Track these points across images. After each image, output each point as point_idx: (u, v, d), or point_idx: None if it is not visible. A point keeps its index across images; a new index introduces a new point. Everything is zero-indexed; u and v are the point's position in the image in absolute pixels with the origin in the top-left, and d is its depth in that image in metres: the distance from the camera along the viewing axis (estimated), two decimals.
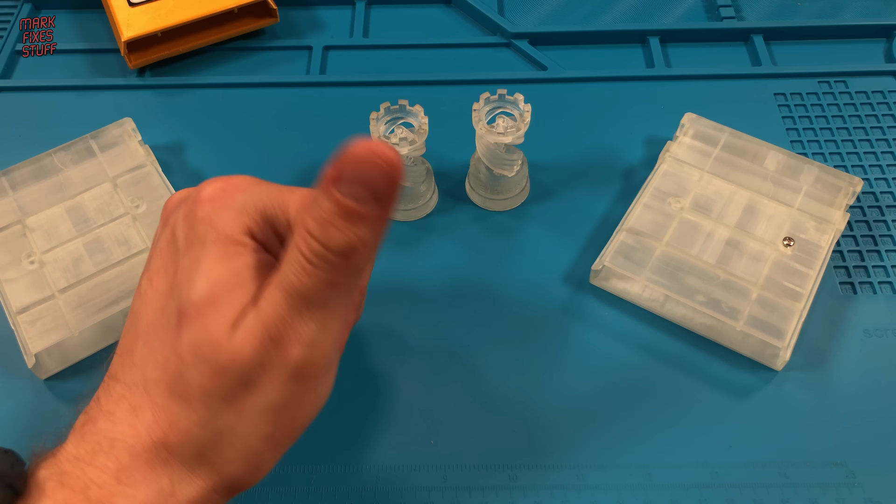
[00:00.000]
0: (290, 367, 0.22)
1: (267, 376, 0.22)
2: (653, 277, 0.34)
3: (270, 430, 0.22)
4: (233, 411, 0.22)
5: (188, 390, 0.22)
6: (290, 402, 0.22)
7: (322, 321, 0.22)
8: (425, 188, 0.38)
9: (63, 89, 0.45)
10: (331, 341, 0.22)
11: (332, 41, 0.47)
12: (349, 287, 0.22)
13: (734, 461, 0.31)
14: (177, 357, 0.22)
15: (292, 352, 0.22)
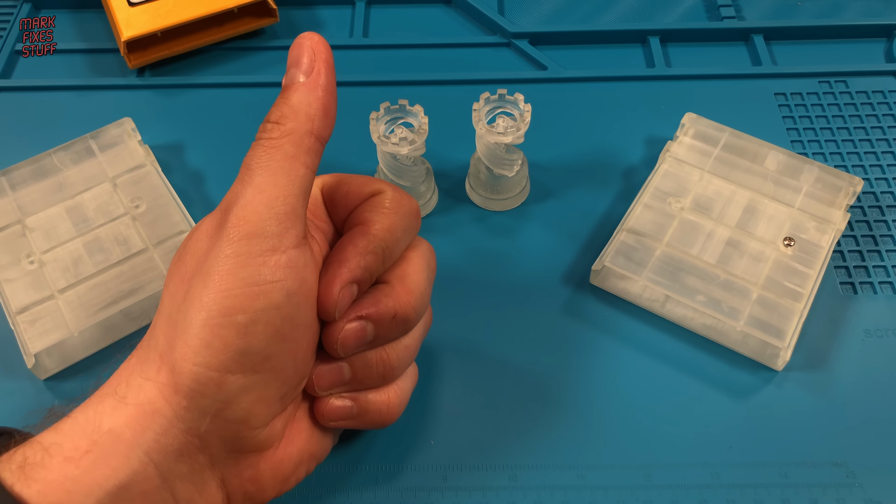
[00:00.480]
0: (228, 228, 0.23)
1: (215, 243, 0.23)
2: (653, 277, 0.34)
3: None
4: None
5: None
6: (235, 266, 0.23)
7: (258, 184, 0.23)
8: (425, 188, 0.38)
9: (63, 89, 0.45)
10: (266, 202, 0.23)
11: (332, 41, 0.47)
12: (286, 151, 0.24)
13: (734, 461, 0.31)
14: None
15: (230, 216, 0.23)
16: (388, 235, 0.26)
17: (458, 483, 0.30)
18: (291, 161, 0.24)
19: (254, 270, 0.22)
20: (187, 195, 0.40)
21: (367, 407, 0.27)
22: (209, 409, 0.22)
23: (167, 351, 0.23)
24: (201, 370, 0.22)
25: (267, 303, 0.22)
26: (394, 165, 0.36)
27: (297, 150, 0.24)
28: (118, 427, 0.22)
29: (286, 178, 0.23)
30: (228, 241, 0.23)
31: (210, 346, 0.22)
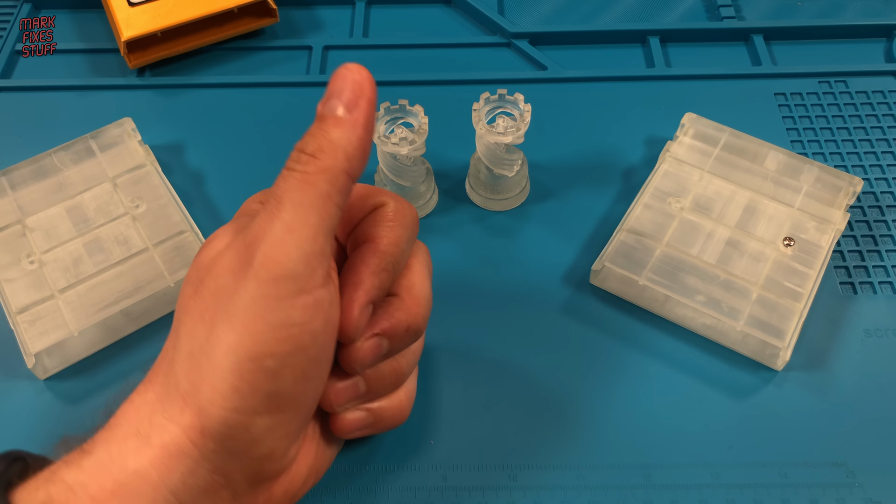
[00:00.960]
0: (256, 268, 0.22)
1: (240, 282, 0.22)
2: (653, 277, 0.34)
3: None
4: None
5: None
6: (263, 310, 0.22)
7: (288, 221, 0.22)
8: (425, 188, 0.38)
9: (63, 89, 0.45)
10: (296, 242, 0.22)
11: (332, 41, 0.47)
12: (320, 188, 0.23)
13: (734, 461, 0.31)
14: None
15: (258, 254, 0.22)
16: (396, 249, 0.26)
17: (458, 483, 0.30)
18: (324, 199, 0.23)
19: (282, 314, 0.22)
20: (187, 195, 0.40)
21: (381, 414, 0.28)
22: (237, 450, 0.22)
23: (192, 393, 0.22)
24: (230, 415, 0.22)
25: (295, 347, 0.22)
26: (394, 165, 0.36)
27: (332, 189, 0.23)
28: (143, 468, 0.22)
29: (318, 217, 0.22)
30: (256, 283, 0.22)
31: (239, 391, 0.22)
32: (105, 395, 0.33)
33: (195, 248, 0.35)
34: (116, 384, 0.33)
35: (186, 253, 0.35)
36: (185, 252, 0.35)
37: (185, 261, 0.35)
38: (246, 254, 0.22)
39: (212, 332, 0.22)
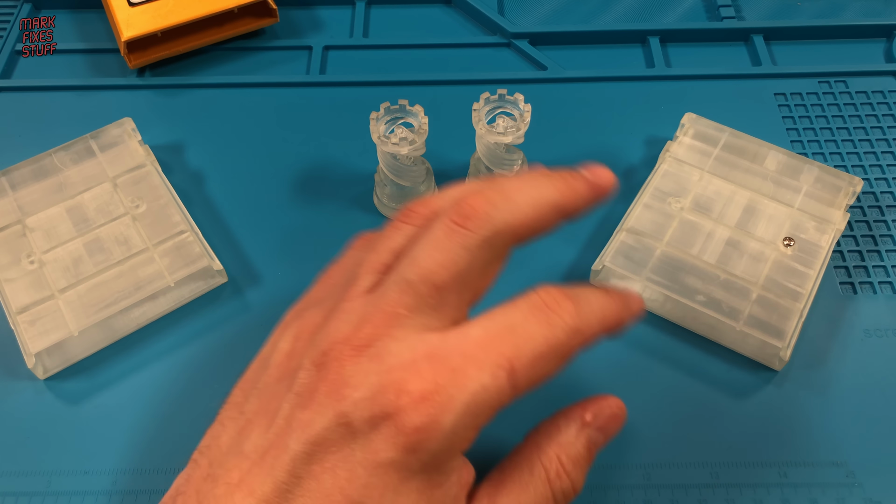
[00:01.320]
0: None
1: None
2: (653, 277, 0.34)
3: None
4: None
5: None
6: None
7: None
8: (425, 188, 0.38)
9: (63, 89, 0.45)
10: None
11: (332, 41, 0.47)
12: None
13: (734, 461, 0.31)
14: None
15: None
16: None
17: None
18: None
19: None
20: (187, 195, 0.40)
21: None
22: None
23: None
24: None
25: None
26: (394, 165, 0.36)
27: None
28: None
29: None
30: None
31: None
32: (105, 395, 0.33)
33: (195, 248, 0.35)
34: (116, 384, 0.33)
35: (186, 253, 0.35)
36: (185, 252, 0.35)
37: (185, 261, 0.35)
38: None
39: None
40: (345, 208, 0.39)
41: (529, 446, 0.25)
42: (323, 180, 0.40)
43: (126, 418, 0.32)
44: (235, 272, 0.37)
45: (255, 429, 0.22)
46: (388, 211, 0.38)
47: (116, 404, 0.33)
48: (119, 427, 0.32)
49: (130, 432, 0.32)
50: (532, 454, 0.24)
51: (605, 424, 0.25)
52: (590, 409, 0.25)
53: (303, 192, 0.40)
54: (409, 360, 0.20)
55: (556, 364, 0.22)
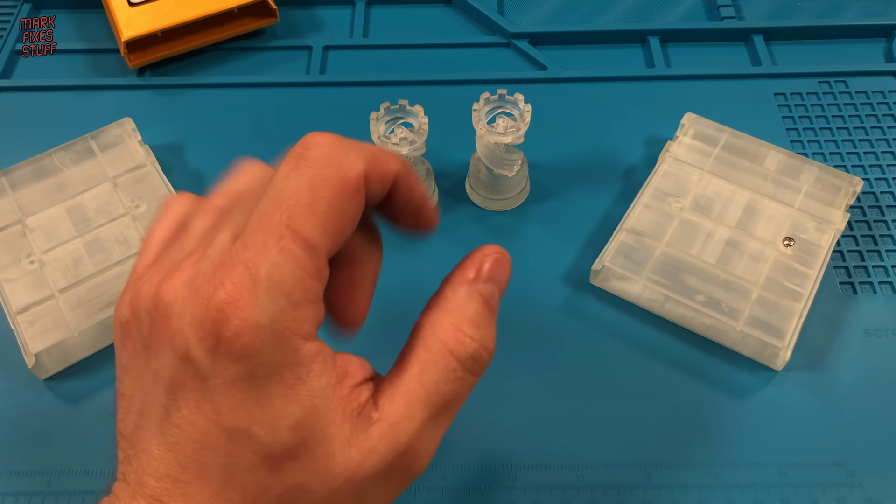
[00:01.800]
0: (412, 474, 0.21)
1: (384, 485, 0.21)
2: (653, 277, 0.34)
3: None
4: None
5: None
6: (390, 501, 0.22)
7: (447, 423, 0.22)
8: (425, 188, 0.38)
9: (63, 89, 0.45)
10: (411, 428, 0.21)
11: (332, 41, 0.47)
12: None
13: (734, 461, 0.31)
14: (273, 496, 0.20)
15: (420, 461, 0.21)
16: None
17: (458, 483, 0.30)
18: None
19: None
20: None
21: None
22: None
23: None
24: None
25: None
26: None
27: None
28: None
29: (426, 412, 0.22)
30: (401, 485, 0.22)
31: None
32: (105, 395, 0.33)
33: None
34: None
35: None
36: None
37: None
38: (413, 474, 0.22)
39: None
40: None
41: (422, 325, 0.23)
42: None
43: None
44: None
45: (133, 401, 0.23)
46: None
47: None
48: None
49: None
50: (426, 332, 0.23)
51: (491, 274, 0.23)
52: (469, 267, 0.23)
53: None
54: (211, 274, 0.20)
55: (343, 201, 0.21)
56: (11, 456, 0.31)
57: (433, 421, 0.21)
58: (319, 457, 0.20)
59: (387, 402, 0.21)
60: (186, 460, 0.21)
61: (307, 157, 0.21)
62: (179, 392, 0.21)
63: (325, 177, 0.21)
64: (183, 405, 0.21)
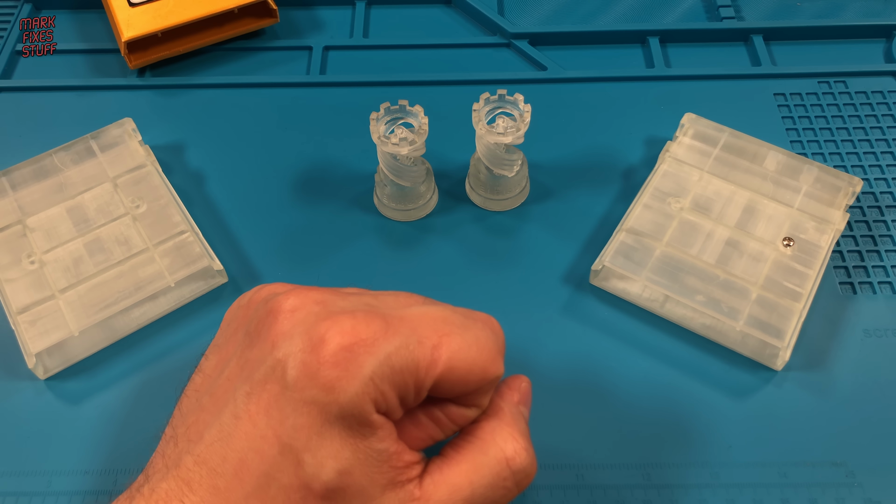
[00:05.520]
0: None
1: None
2: (653, 277, 0.34)
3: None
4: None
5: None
6: None
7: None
8: (425, 188, 0.38)
9: (63, 89, 0.45)
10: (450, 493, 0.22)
11: (332, 41, 0.47)
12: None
13: (734, 461, 0.31)
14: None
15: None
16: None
17: None
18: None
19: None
20: (187, 195, 0.40)
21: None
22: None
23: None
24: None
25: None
26: (394, 165, 0.36)
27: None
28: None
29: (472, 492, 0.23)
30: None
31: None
32: (105, 395, 0.33)
33: (195, 249, 0.35)
34: (116, 384, 0.33)
35: (186, 253, 0.35)
36: (185, 252, 0.35)
37: (185, 261, 0.35)
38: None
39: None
40: (345, 208, 0.39)
41: (481, 428, 0.24)
42: (323, 180, 0.40)
43: (126, 418, 0.32)
44: (235, 272, 0.37)
45: (208, 380, 0.24)
46: (388, 211, 0.38)
47: (116, 404, 0.33)
48: (119, 427, 0.32)
49: (130, 432, 0.32)
50: (486, 435, 0.24)
51: (526, 400, 0.26)
52: (514, 389, 0.26)
53: (303, 192, 0.40)
54: (348, 309, 0.22)
55: (476, 374, 0.23)
56: (11, 456, 0.31)
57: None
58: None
59: (431, 484, 0.22)
60: (231, 454, 0.21)
61: (484, 325, 0.24)
62: (257, 388, 0.21)
63: (480, 351, 0.23)
64: (255, 402, 0.21)
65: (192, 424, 0.22)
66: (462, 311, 0.24)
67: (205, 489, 0.21)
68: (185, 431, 0.22)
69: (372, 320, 0.21)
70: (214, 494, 0.21)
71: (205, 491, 0.21)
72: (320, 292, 0.23)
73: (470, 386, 0.23)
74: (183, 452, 0.22)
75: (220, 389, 0.22)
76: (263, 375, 0.21)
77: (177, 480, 0.21)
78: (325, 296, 0.23)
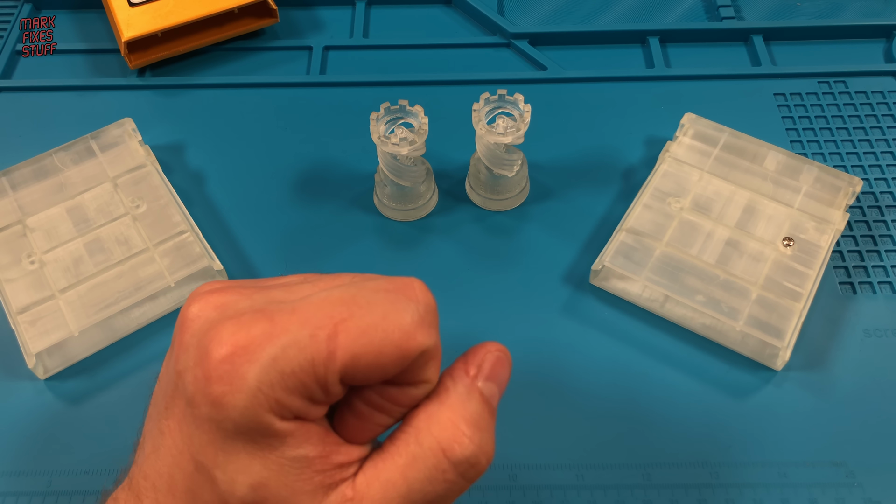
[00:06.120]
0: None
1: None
2: (653, 277, 0.34)
3: None
4: None
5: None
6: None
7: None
8: (425, 188, 0.38)
9: (63, 89, 0.45)
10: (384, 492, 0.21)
11: (332, 41, 0.47)
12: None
13: (734, 461, 0.31)
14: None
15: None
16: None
17: None
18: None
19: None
20: (187, 195, 0.40)
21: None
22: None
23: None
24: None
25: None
26: (394, 165, 0.36)
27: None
28: None
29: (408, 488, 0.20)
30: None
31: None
32: (105, 395, 0.33)
33: (195, 249, 0.35)
34: (116, 384, 0.33)
35: (186, 253, 0.35)
36: (185, 252, 0.35)
37: (185, 261, 0.35)
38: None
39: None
40: (345, 208, 0.39)
41: (418, 414, 0.21)
42: (323, 180, 0.40)
43: (126, 418, 0.32)
44: (235, 272, 0.37)
45: (154, 391, 0.23)
46: (387, 211, 0.38)
47: (116, 404, 0.33)
48: (119, 427, 0.32)
49: (131, 432, 0.32)
50: (420, 423, 0.21)
51: (493, 373, 0.22)
52: (471, 363, 0.22)
53: (303, 192, 0.40)
54: (238, 313, 0.20)
55: (390, 355, 0.20)
56: (11, 456, 0.31)
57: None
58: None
59: (364, 484, 0.21)
60: (163, 469, 0.21)
61: (395, 296, 0.21)
62: (170, 403, 0.21)
63: (388, 329, 0.20)
64: (170, 417, 0.21)
65: (143, 434, 0.23)
66: (372, 286, 0.21)
67: (149, 502, 0.21)
68: (140, 440, 0.23)
69: (255, 324, 0.20)
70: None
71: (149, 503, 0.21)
72: (227, 293, 0.21)
73: (389, 368, 0.20)
74: (137, 466, 0.22)
75: (159, 401, 0.22)
76: (173, 390, 0.21)
77: (130, 492, 0.21)
78: (228, 297, 0.21)
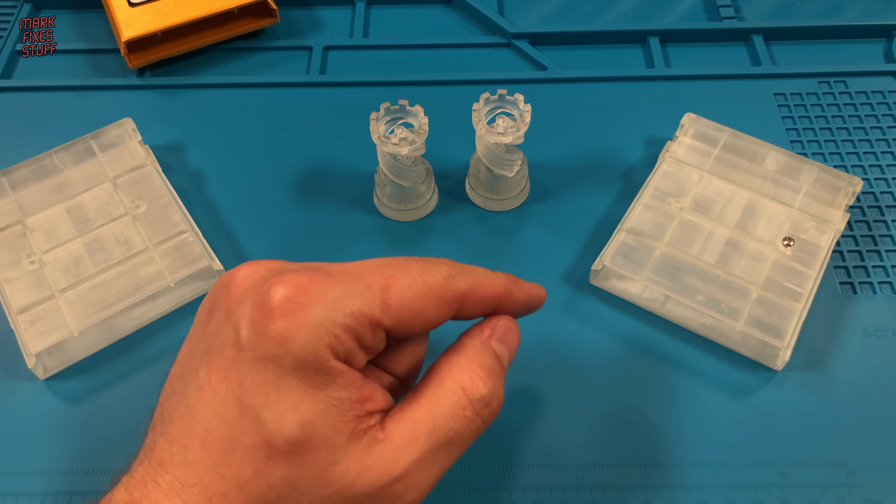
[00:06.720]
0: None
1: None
2: (653, 277, 0.34)
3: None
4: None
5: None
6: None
7: (446, 464, 0.22)
8: (425, 188, 0.38)
9: (63, 89, 0.45)
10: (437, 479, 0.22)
11: (332, 41, 0.47)
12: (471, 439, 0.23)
13: (734, 461, 0.31)
14: (263, 484, 0.21)
15: (411, 494, 0.22)
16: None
17: (458, 483, 0.31)
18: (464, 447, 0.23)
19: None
20: (187, 195, 0.40)
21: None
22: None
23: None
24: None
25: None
26: (394, 165, 0.36)
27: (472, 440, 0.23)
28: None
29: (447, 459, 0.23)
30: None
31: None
32: (105, 395, 0.33)
33: (195, 249, 0.35)
34: (116, 384, 0.33)
35: (186, 253, 0.35)
36: (185, 252, 0.35)
37: (185, 261, 0.35)
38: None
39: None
40: (345, 208, 0.39)
41: (439, 364, 0.24)
42: (323, 180, 0.40)
43: (126, 418, 0.32)
44: None
45: (178, 367, 0.24)
46: (387, 211, 0.38)
47: (116, 404, 0.33)
48: (119, 427, 0.32)
49: (130, 432, 0.32)
50: (442, 370, 0.24)
51: (504, 336, 0.25)
52: (486, 326, 0.25)
53: (303, 192, 0.40)
54: (292, 269, 0.22)
55: (433, 301, 0.23)
56: (11, 456, 0.31)
57: (434, 454, 0.22)
58: (319, 460, 0.21)
59: (394, 425, 0.22)
60: (197, 425, 0.21)
61: (426, 261, 0.24)
62: (216, 355, 0.22)
63: (428, 281, 0.23)
64: (214, 369, 0.21)
65: (166, 409, 0.23)
66: (403, 258, 0.24)
67: (176, 465, 0.21)
68: (160, 416, 0.23)
69: (315, 273, 0.22)
70: (184, 469, 0.21)
71: (176, 467, 0.21)
72: (274, 262, 0.24)
73: (431, 315, 0.23)
74: (157, 436, 0.22)
75: (188, 370, 0.23)
76: (220, 343, 0.22)
77: (151, 463, 0.21)
78: (276, 264, 0.23)
